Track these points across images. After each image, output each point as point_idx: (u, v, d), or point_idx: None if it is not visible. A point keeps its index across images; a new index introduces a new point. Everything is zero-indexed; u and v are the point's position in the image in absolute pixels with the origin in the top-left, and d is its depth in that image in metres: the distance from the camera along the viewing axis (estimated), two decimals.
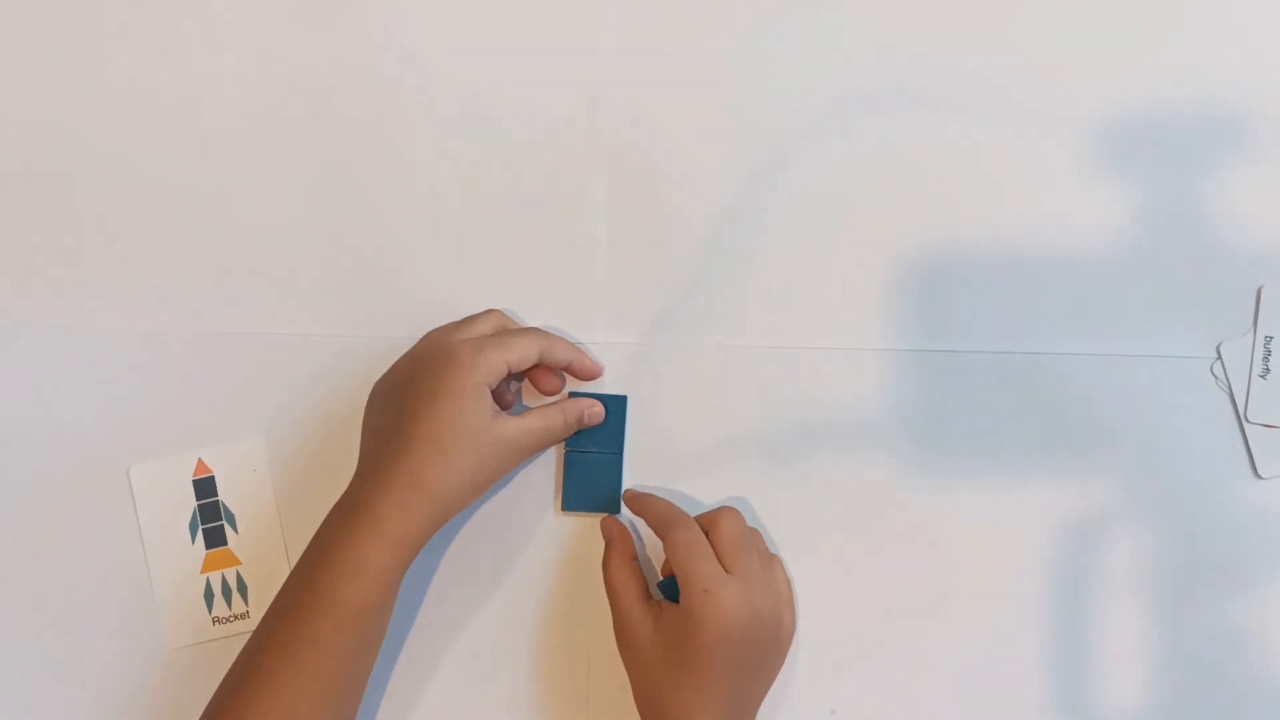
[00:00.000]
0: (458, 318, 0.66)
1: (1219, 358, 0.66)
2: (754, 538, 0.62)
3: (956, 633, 0.65)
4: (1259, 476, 0.66)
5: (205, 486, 0.67)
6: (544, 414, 0.63)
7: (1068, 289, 0.67)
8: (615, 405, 0.66)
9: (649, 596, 0.62)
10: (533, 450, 0.64)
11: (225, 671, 0.60)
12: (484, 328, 0.64)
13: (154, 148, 0.69)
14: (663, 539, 0.61)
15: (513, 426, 0.61)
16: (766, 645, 0.61)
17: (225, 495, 0.67)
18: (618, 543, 0.64)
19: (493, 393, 0.61)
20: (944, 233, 0.67)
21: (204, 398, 0.67)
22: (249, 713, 0.57)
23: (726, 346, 0.67)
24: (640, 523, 0.65)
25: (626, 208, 0.68)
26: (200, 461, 0.67)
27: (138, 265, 0.68)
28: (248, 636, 0.60)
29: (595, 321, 0.67)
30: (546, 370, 0.65)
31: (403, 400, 0.61)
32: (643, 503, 0.64)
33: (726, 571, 0.59)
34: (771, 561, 0.64)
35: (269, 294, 0.68)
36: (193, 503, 0.67)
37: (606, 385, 0.67)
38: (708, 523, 0.61)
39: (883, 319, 0.67)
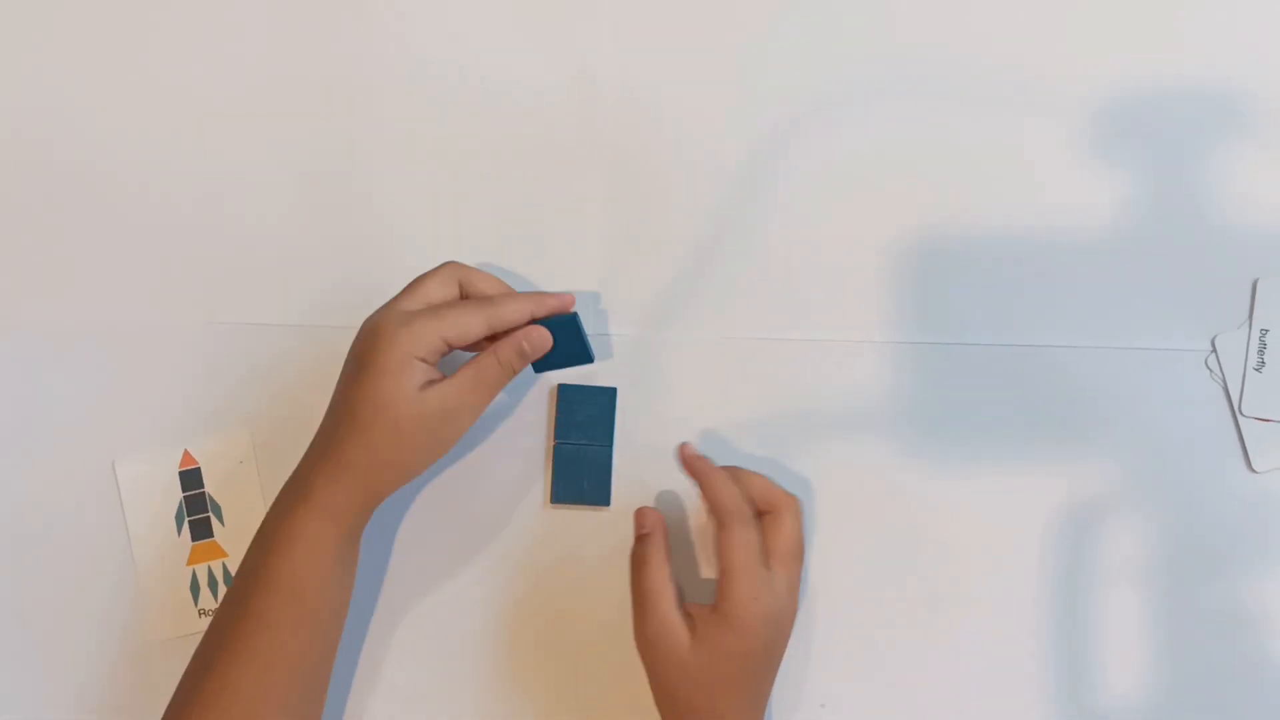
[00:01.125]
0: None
1: (1214, 350, 0.66)
2: (784, 520, 0.60)
3: (950, 625, 0.65)
4: (1253, 470, 0.65)
5: (191, 478, 0.66)
6: (474, 367, 0.58)
7: (1063, 281, 0.67)
8: (605, 397, 0.66)
9: (682, 601, 0.60)
10: (474, 409, 0.59)
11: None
12: (432, 292, 0.59)
13: (140, 141, 0.68)
14: (720, 527, 0.58)
15: (438, 395, 0.57)
16: (786, 640, 0.61)
17: (212, 487, 0.66)
18: (656, 538, 0.60)
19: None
20: (941, 224, 0.67)
21: (190, 389, 0.67)
22: (211, 694, 0.56)
23: (721, 338, 0.67)
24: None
25: (622, 197, 0.67)
26: (186, 453, 0.66)
27: (124, 258, 0.67)
28: None
29: (588, 312, 0.67)
30: (509, 336, 0.60)
31: (341, 378, 0.59)
32: (705, 473, 0.60)
33: (770, 569, 0.58)
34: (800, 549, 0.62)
35: (257, 285, 0.67)
36: (179, 495, 0.66)
37: (598, 376, 0.66)
38: (772, 511, 0.60)
39: (879, 311, 0.67)
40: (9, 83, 0.68)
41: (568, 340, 0.61)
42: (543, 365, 0.62)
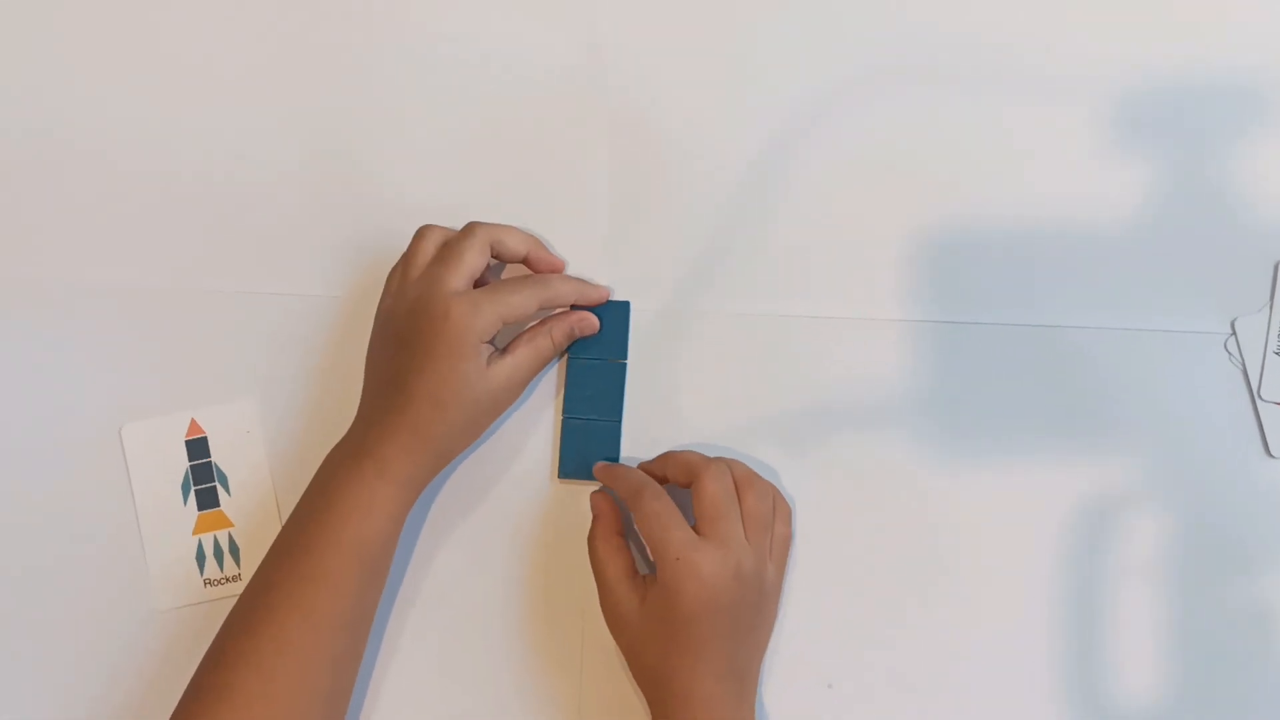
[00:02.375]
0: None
1: (1233, 334, 0.65)
2: (749, 493, 0.61)
3: (962, 610, 0.64)
4: (1271, 455, 0.65)
5: (198, 447, 0.66)
6: (533, 345, 0.63)
7: (1083, 263, 0.66)
8: (614, 373, 0.65)
9: (635, 572, 0.61)
10: (529, 379, 0.64)
11: (216, 634, 0.59)
12: (472, 261, 0.62)
13: (149, 107, 0.68)
14: (631, 510, 0.61)
15: (504, 370, 0.62)
16: (752, 604, 0.60)
17: (218, 457, 0.66)
18: (604, 518, 0.63)
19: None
20: (959, 203, 0.67)
21: (198, 357, 0.66)
22: (257, 651, 0.57)
23: (733, 314, 0.66)
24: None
25: (631, 173, 0.67)
26: (193, 422, 0.66)
27: (132, 223, 0.67)
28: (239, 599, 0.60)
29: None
30: (562, 315, 0.65)
31: (403, 354, 0.61)
32: (612, 474, 0.63)
33: (701, 535, 0.59)
34: (772, 515, 0.62)
35: (265, 252, 0.67)
36: (185, 464, 0.66)
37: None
38: (689, 475, 0.61)
39: (895, 289, 0.66)
40: (18, 50, 0.68)
41: (613, 330, 0.65)
42: (571, 408, 0.64)
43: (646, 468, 0.64)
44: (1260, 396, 0.65)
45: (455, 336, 0.60)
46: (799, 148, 0.67)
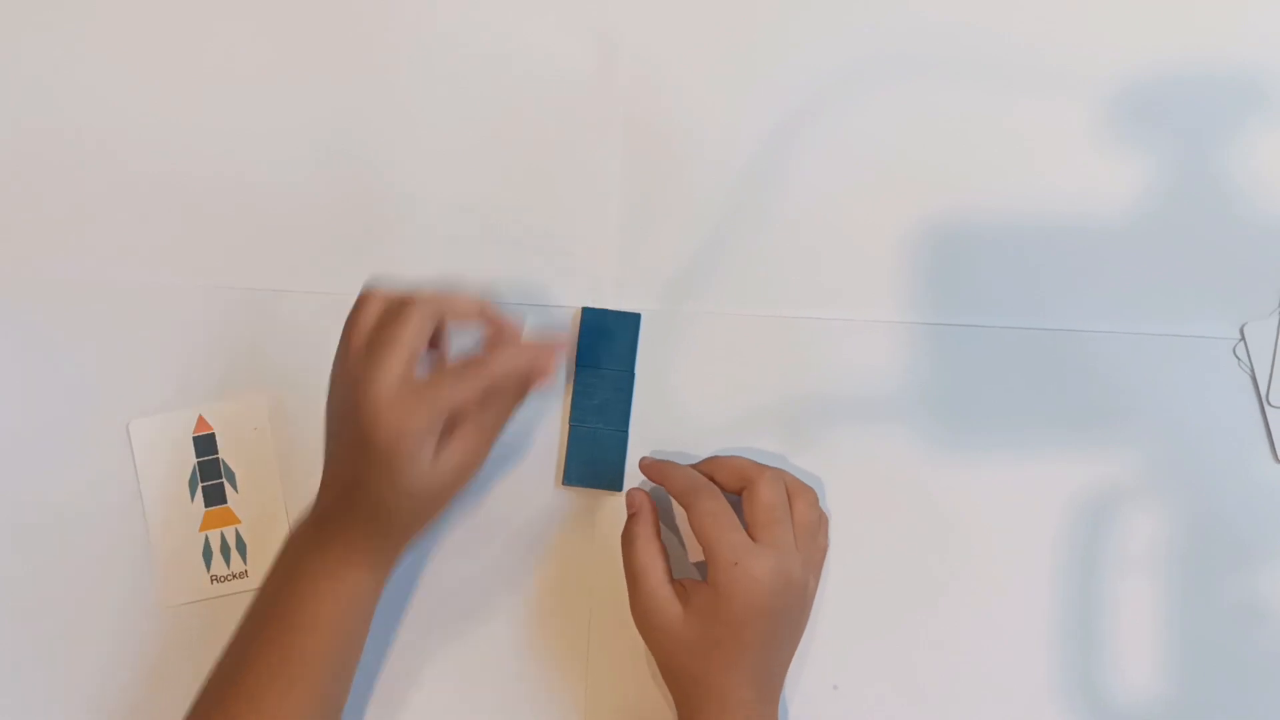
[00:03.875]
0: (464, 280, 0.65)
1: (1242, 339, 0.65)
2: (799, 501, 0.61)
3: (966, 611, 0.64)
4: (1278, 461, 0.64)
5: (205, 443, 0.66)
6: (478, 424, 0.59)
7: (1091, 266, 0.66)
8: (622, 381, 0.65)
9: (672, 576, 0.60)
10: (485, 455, 0.60)
11: (221, 631, 0.59)
12: (413, 339, 0.56)
13: (161, 103, 0.68)
14: (686, 508, 0.59)
15: (452, 460, 0.57)
16: (795, 612, 0.60)
17: (226, 453, 0.66)
18: (644, 516, 0.61)
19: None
20: (965, 206, 0.66)
21: (206, 353, 0.66)
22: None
23: (739, 316, 0.66)
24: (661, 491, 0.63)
25: (640, 169, 0.67)
26: (201, 418, 0.66)
27: (141, 219, 0.67)
28: (246, 596, 0.60)
29: (604, 286, 0.66)
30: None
31: (348, 447, 0.58)
32: (662, 471, 0.62)
33: (755, 540, 0.58)
34: (818, 524, 0.62)
35: (275, 250, 0.67)
36: (192, 460, 0.66)
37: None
38: (741, 480, 0.60)
39: (900, 291, 0.66)
40: (27, 45, 0.68)
41: (624, 341, 0.65)
42: (578, 414, 0.64)
43: (702, 464, 0.63)
44: (1269, 402, 0.65)
45: (389, 443, 0.55)
46: (809, 150, 0.66)
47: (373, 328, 0.58)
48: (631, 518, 0.62)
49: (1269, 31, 0.67)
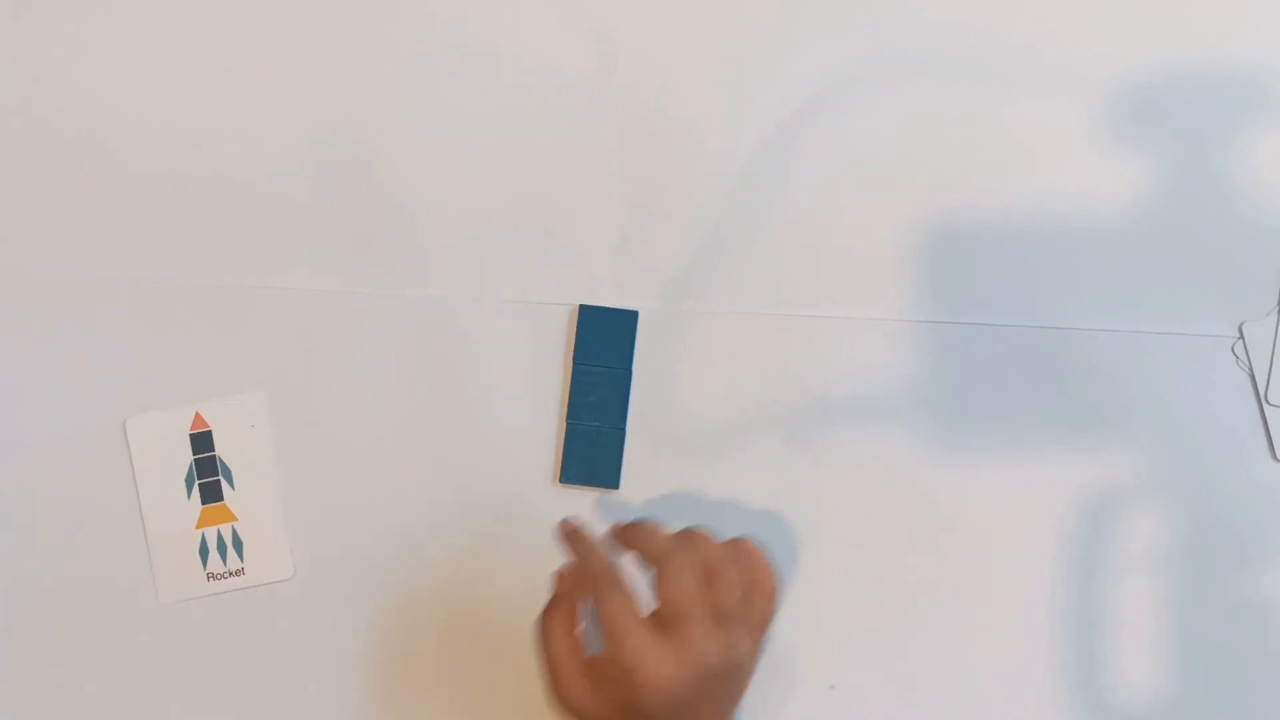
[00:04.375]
0: (461, 274, 0.65)
1: (1240, 337, 0.65)
2: (719, 581, 0.56)
3: (965, 610, 0.64)
4: (1277, 460, 0.64)
5: (202, 441, 0.66)
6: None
7: (1089, 264, 0.66)
8: (620, 379, 0.65)
9: (586, 663, 0.56)
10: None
11: (217, 628, 0.59)
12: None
13: (156, 101, 0.68)
14: (594, 599, 0.55)
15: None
16: (721, 685, 0.56)
17: (223, 450, 0.66)
18: (563, 602, 0.57)
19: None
20: (965, 203, 0.66)
21: (203, 351, 0.66)
22: None
23: (739, 314, 0.66)
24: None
25: (639, 168, 0.67)
26: (198, 415, 0.66)
27: (138, 217, 0.67)
28: (242, 593, 0.60)
29: (603, 285, 0.66)
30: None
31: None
32: (575, 544, 0.58)
33: (662, 634, 0.54)
34: (748, 600, 0.58)
35: (273, 247, 0.67)
36: (189, 457, 0.66)
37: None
38: (654, 568, 0.56)
39: (900, 290, 0.66)
40: (27, 39, 0.68)
41: (620, 338, 0.65)
42: (575, 413, 0.64)
43: (618, 533, 0.58)
44: (1268, 401, 0.65)
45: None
46: (808, 149, 0.66)
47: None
48: (553, 600, 0.58)
49: (1268, 32, 0.67)
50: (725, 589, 0.56)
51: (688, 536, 0.57)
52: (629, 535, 0.58)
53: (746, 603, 0.57)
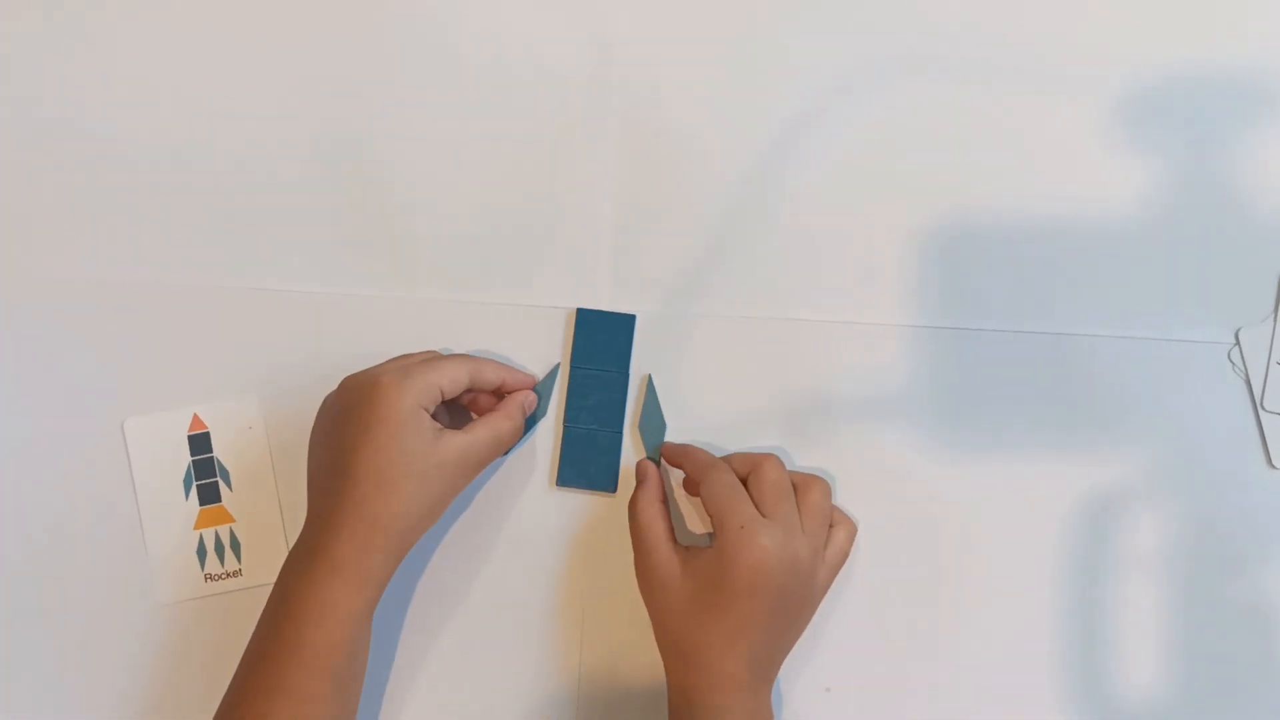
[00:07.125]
0: (458, 277, 0.65)
1: (1237, 344, 0.65)
2: (812, 489, 0.61)
3: (963, 614, 0.64)
4: (1273, 466, 0.65)
5: (200, 442, 0.66)
6: (489, 422, 0.61)
7: (1087, 270, 0.66)
8: (617, 382, 0.65)
9: (675, 539, 0.61)
10: (485, 463, 0.61)
11: (215, 629, 0.59)
12: (410, 360, 0.62)
13: (156, 101, 0.68)
14: (700, 483, 0.60)
15: (458, 443, 0.59)
16: (799, 595, 0.60)
17: (220, 452, 0.66)
18: (650, 482, 0.63)
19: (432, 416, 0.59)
20: (965, 209, 0.66)
21: (201, 352, 0.66)
22: None
23: (738, 319, 0.66)
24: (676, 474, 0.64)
25: (636, 171, 0.67)
26: (196, 417, 0.66)
27: (137, 219, 0.67)
28: (239, 594, 0.60)
29: (601, 289, 0.66)
30: (482, 394, 0.64)
31: (340, 437, 0.59)
32: (682, 452, 0.63)
33: (764, 516, 0.59)
34: (832, 516, 0.62)
35: (269, 249, 0.67)
36: (187, 458, 0.66)
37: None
38: (749, 466, 0.61)
39: (900, 294, 0.66)
40: (29, 42, 0.68)
41: (618, 342, 0.65)
42: (573, 416, 0.65)
43: (668, 452, 0.64)
44: (1263, 407, 0.65)
45: (389, 404, 0.57)
46: (807, 152, 0.66)
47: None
48: (640, 484, 0.63)
49: (1269, 36, 0.67)
50: (820, 493, 0.61)
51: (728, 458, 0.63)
52: (724, 458, 0.63)
53: (829, 514, 0.62)
